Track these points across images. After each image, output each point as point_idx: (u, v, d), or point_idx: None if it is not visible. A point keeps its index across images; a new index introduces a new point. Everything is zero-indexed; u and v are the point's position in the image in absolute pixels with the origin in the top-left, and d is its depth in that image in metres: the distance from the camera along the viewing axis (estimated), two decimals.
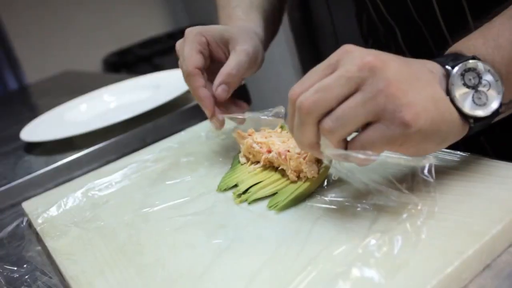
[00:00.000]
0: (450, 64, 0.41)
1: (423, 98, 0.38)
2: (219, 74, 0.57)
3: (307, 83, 0.41)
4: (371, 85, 0.37)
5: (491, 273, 0.36)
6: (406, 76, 0.38)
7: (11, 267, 0.52)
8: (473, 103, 0.40)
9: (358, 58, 0.38)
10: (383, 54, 0.39)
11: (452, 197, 0.42)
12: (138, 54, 2.90)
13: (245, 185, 0.52)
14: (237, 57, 0.57)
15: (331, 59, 0.40)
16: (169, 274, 0.42)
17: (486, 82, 0.41)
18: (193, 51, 0.57)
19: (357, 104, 0.38)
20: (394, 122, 0.37)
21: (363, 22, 0.77)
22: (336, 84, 0.38)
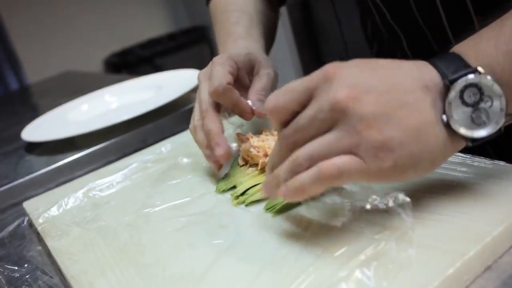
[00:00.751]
0: (450, 77, 0.37)
1: (403, 131, 0.36)
2: (253, 94, 0.57)
3: (281, 101, 0.39)
4: (344, 125, 0.36)
5: (493, 275, 0.36)
6: (386, 107, 0.36)
7: (12, 266, 0.52)
8: (471, 122, 0.38)
9: (333, 94, 0.36)
10: (364, 80, 0.37)
11: (453, 198, 0.42)
12: (139, 54, 2.91)
13: (242, 187, 0.52)
14: (262, 80, 0.59)
15: (310, 83, 0.38)
16: (170, 274, 0.42)
17: (488, 99, 0.37)
18: (225, 70, 0.56)
19: (331, 143, 0.37)
20: (368, 158, 0.36)
21: (367, 26, 0.77)
22: (310, 125, 0.38)
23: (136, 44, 2.98)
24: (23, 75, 2.72)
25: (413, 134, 0.36)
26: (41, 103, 1.54)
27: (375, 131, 0.36)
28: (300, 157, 0.38)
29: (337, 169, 0.36)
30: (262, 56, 0.62)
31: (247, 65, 0.60)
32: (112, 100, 1.05)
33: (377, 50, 0.77)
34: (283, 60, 2.37)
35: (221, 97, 0.55)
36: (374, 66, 0.39)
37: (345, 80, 0.37)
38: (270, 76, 0.60)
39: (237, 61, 0.59)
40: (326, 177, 0.36)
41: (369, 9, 0.68)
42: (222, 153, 0.52)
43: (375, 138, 0.36)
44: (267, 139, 0.56)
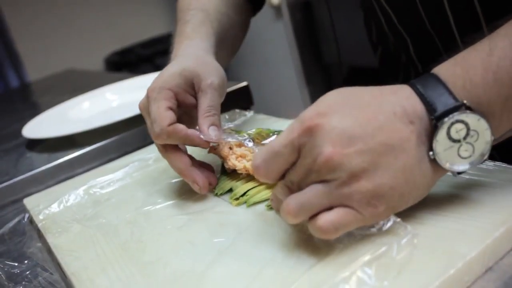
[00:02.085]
0: (438, 113, 0.37)
1: (391, 176, 0.36)
2: (202, 119, 0.53)
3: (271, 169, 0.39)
4: (333, 179, 0.36)
5: (494, 276, 0.36)
6: (373, 156, 0.36)
7: (12, 263, 0.52)
8: (458, 156, 0.38)
9: (318, 153, 0.36)
10: (347, 131, 0.36)
11: (455, 199, 0.42)
12: (140, 54, 2.90)
13: (241, 189, 0.52)
14: (206, 96, 0.54)
15: (294, 141, 0.37)
16: (170, 272, 0.42)
17: (474, 133, 0.37)
18: (162, 109, 0.52)
19: (322, 195, 0.37)
20: (362, 207, 0.36)
21: (372, 29, 0.76)
22: (301, 180, 0.38)
23: (137, 43, 2.98)
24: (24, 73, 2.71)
25: (401, 176, 0.37)
26: (42, 101, 1.54)
27: (365, 181, 0.36)
28: (290, 206, 0.38)
29: (333, 226, 0.36)
30: (200, 66, 0.56)
31: (184, 86, 0.55)
32: (113, 98, 1.05)
33: (381, 53, 0.76)
34: (284, 61, 2.37)
35: (167, 140, 0.52)
36: (355, 107, 0.38)
37: (329, 134, 0.36)
38: (213, 86, 0.54)
39: (171, 87, 0.54)
40: (323, 232, 0.37)
41: (374, 11, 0.67)
42: (200, 187, 0.52)
43: (366, 188, 0.36)
44: (245, 155, 0.54)
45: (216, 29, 0.67)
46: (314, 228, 0.37)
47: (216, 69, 0.57)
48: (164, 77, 0.55)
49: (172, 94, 0.54)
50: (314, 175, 0.37)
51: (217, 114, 0.54)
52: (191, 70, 0.55)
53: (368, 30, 0.78)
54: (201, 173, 0.53)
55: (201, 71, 0.55)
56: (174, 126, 0.51)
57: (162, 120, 0.51)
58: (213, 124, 0.53)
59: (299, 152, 0.38)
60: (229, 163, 0.54)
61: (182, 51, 0.62)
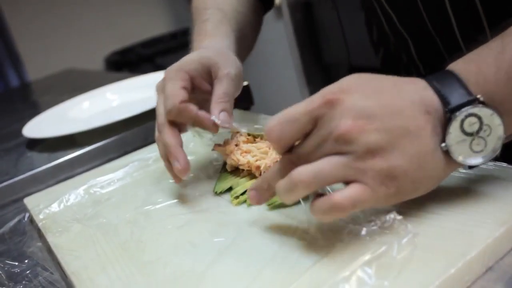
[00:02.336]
0: (452, 106, 0.37)
1: (406, 160, 0.36)
2: (214, 104, 0.54)
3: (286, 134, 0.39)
4: (349, 153, 0.36)
5: (494, 276, 0.36)
6: (390, 136, 0.36)
7: (12, 262, 0.52)
8: (470, 150, 0.38)
9: (337, 125, 0.36)
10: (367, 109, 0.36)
11: (456, 199, 0.42)
12: (140, 53, 2.90)
13: (241, 188, 0.52)
14: (222, 84, 0.55)
15: (314, 111, 0.37)
16: (170, 271, 0.42)
17: (487, 128, 0.38)
18: (176, 87, 0.53)
19: (337, 167, 0.36)
20: (375, 186, 0.36)
21: (373, 30, 0.76)
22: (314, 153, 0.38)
23: (138, 42, 2.98)
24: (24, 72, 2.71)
25: (415, 162, 0.37)
26: (42, 101, 1.54)
27: (380, 159, 0.36)
28: (303, 174, 0.37)
29: (352, 201, 0.36)
30: (219, 56, 0.58)
31: (201, 71, 0.56)
32: (113, 98, 1.05)
33: (383, 55, 0.76)
34: (284, 61, 2.37)
35: (177, 118, 0.53)
36: (376, 90, 0.38)
37: (349, 109, 0.36)
38: (230, 76, 0.55)
39: (188, 70, 0.55)
40: (340, 209, 0.36)
41: (375, 12, 0.67)
42: (180, 168, 0.51)
43: (381, 166, 0.36)
44: (250, 150, 0.54)
45: (234, 27, 0.68)
46: (328, 205, 0.36)
47: (235, 61, 0.59)
48: (182, 61, 0.57)
49: (188, 76, 0.55)
50: (328, 146, 0.37)
51: (230, 102, 0.55)
52: (209, 58, 0.57)
53: (369, 31, 0.78)
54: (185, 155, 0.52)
55: (219, 60, 0.57)
56: (185, 104, 0.52)
57: (175, 97, 0.52)
58: (225, 110, 0.54)
59: (315, 124, 0.38)
60: (233, 157, 0.54)
61: (203, 45, 0.63)
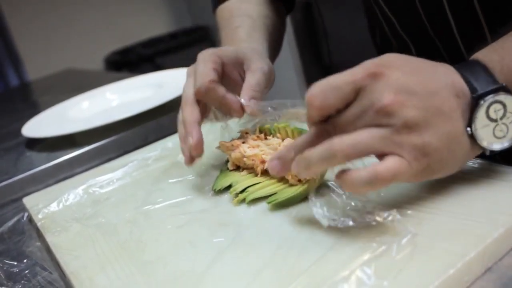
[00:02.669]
0: (479, 92, 0.39)
1: (438, 138, 0.38)
2: (245, 90, 0.55)
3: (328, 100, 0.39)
4: (388, 126, 0.37)
5: (493, 276, 0.36)
6: (427, 114, 0.38)
7: (11, 261, 0.52)
8: (493, 135, 0.40)
9: (380, 97, 0.37)
10: (408, 85, 0.38)
11: (456, 200, 0.42)
12: (140, 53, 2.90)
13: (241, 185, 0.52)
14: (255, 75, 0.56)
15: (357, 81, 0.38)
16: (170, 271, 0.42)
17: (510, 115, 0.40)
18: (208, 68, 0.54)
19: (374, 138, 0.37)
20: (411, 160, 0.37)
21: (376, 35, 0.76)
22: (353, 123, 0.39)
23: (138, 42, 2.98)
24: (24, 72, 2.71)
25: (446, 141, 0.38)
26: (41, 100, 1.54)
27: (416, 135, 0.37)
28: (344, 143, 0.37)
29: (393, 173, 0.37)
30: (254, 54, 0.60)
31: (234, 61, 0.58)
32: (113, 98, 1.05)
33: None
34: (284, 61, 2.37)
35: (205, 97, 0.54)
36: (415, 69, 0.40)
37: (391, 84, 0.38)
38: (264, 70, 0.57)
39: (221, 55, 0.56)
40: (382, 180, 0.37)
41: (377, 17, 0.67)
42: (192, 144, 0.51)
43: (416, 141, 0.37)
44: (258, 145, 0.54)
45: (265, 33, 0.70)
46: (371, 176, 0.37)
47: (267, 61, 0.60)
48: (218, 48, 0.59)
49: (221, 61, 0.56)
50: (368, 118, 0.38)
51: (260, 93, 0.56)
52: (245, 52, 0.59)
53: (373, 35, 0.78)
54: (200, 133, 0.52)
55: (254, 56, 0.58)
56: (215, 84, 0.53)
57: (205, 76, 0.53)
58: (254, 98, 0.54)
59: (357, 94, 0.39)
60: (240, 149, 0.54)
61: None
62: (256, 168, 0.53)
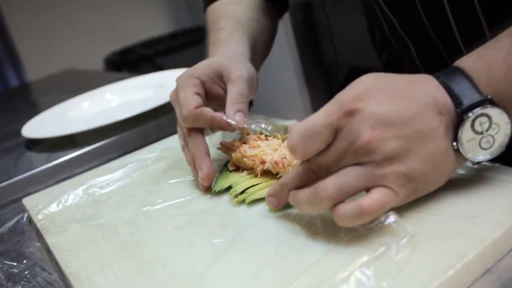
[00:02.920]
0: (464, 107, 0.39)
1: (422, 161, 0.38)
2: (229, 105, 0.55)
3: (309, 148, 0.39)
4: (369, 162, 0.38)
5: (492, 277, 0.36)
6: (407, 141, 0.38)
7: (11, 262, 0.52)
8: (479, 147, 0.40)
9: (356, 136, 0.37)
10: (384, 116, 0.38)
11: (455, 201, 0.42)
12: (140, 53, 2.90)
13: (241, 186, 0.52)
14: (235, 86, 0.56)
15: (333, 122, 0.38)
16: (169, 272, 0.42)
17: (496, 126, 0.40)
18: (189, 94, 0.54)
19: (358, 176, 0.38)
20: (396, 188, 0.38)
21: (375, 35, 0.76)
22: (335, 163, 0.39)
23: (138, 43, 2.98)
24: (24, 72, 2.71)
25: (430, 162, 0.39)
26: (41, 101, 1.54)
27: (398, 164, 0.38)
28: (328, 189, 0.38)
29: (380, 205, 0.37)
30: (230, 61, 0.59)
31: (212, 76, 0.57)
32: (113, 98, 1.05)
33: (386, 58, 0.76)
34: (284, 61, 2.37)
35: (194, 123, 0.54)
36: (391, 94, 0.39)
37: (367, 118, 0.38)
38: (243, 77, 0.57)
39: (199, 76, 0.57)
40: (369, 214, 0.37)
41: (377, 17, 0.67)
42: (203, 176, 0.53)
43: (399, 170, 0.38)
44: (259, 145, 0.55)
45: (248, 34, 0.69)
46: (358, 211, 0.37)
47: (246, 65, 0.60)
48: (193, 68, 0.58)
49: (199, 81, 0.56)
50: (349, 158, 0.38)
51: (245, 102, 0.56)
52: (220, 63, 0.58)
53: (372, 35, 0.78)
54: (210, 165, 0.54)
55: (231, 64, 0.58)
56: (200, 109, 0.54)
57: (189, 104, 0.54)
58: (240, 111, 0.55)
59: (335, 134, 0.39)
60: (241, 149, 0.54)
61: (217, 53, 0.64)
62: (256, 169, 0.53)
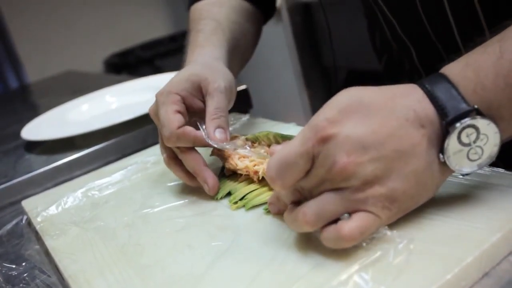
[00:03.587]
0: (449, 119, 0.37)
1: (403, 180, 0.37)
2: (208, 122, 0.54)
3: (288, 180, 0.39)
4: (348, 187, 0.37)
5: (490, 281, 0.36)
6: (385, 162, 0.37)
7: (10, 265, 0.52)
8: (467, 159, 0.38)
9: (332, 162, 0.37)
10: (360, 139, 0.37)
11: (453, 204, 0.42)
12: (139, 56, 2.90)
13: (240, 193, 0.52)
14: (213, 99, 0.55)
15: (308, 150, 0.37)
16: (168, 275, 0.42)
17: (484, 137, 0.38)
18: (170, 112, 0.53)
19: (337, 201, 0.37)
20: (378, 211, 0.37)
21: (375, 37, 0.76)
22: (314, 189, 0.39)
23: (137, 45, 2.98)
24: (24, 74, 2.71)
25: (413, 179, 0.37)
26: (41, 102, 1.54)
27: (378, 186, 0.37)
28: (307, 216, 0.38)
29: (359, 231, 0.37)
30: (208, 70, 0.58)
31: (192, 90, 0.56)
32: (112, 101, 1.05)
33: (386, 61, 0.76)
34: (283, 64, 2.37)
35: (177, 143, 0.53)
36: (367, 113, 0.38)
37: (343, 143, 0.37)
38: (220, 89, 0.55)
39: (178, 91, 0.55)
40: (348, 240, 0.37)
41: (378, 20, 0.67)
42: (210, 188, 0.53)
43: (380, 192, 0.37)
44: (248, 156, 0.54)
45: (228, 37, 0.68)
46: (338, 238, 0.37)
47: (224, 73, 0.58)
48: (171, 82, 0.57)
49: (179, 97, 0.55)
50: (328, 184, 0.38)
51: (224, 116, 0.55)
52: (198, 75, 0.57)
53: (372, 38, 0.78)
54: (212, 174, 0.54)
55: (208, 75, 0.57)
56: (183, 129, 0.53)
57: (171, 124, 0.53)
58: (220, 127, 0.54)
59: (313, 161, 0.38)
60: (231, 162, 0.54)
61: (193, 59, 0.63)
62: (253, 177, 0.53)
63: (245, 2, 0.76)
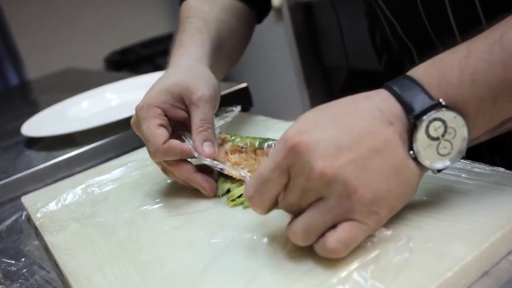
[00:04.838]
0: (415, 113, 0.37)
1: (384, 178, 0.37)
2: (195, 135, 0.53)
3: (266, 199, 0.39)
4: (331, 194, 0.36)
5: (489, 280, 0.36)
6: (363, 162, 0.36)
7: (9, 260, 0.52)
8: (437, 154, 0.38)
9: (309, 170, 0.36)
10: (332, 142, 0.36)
11: (452, 203, 0.42)
12: (140, 53, 2.90)
13: (238, 191, 0.52)
14: (198, 110, 0.54)
15: (282, 164, 0.37)
16: (168, 272, 0.42)
17: (452, 130, 0.38)
18: (153, 127, 0.52)
19: (324, 213, 0.37)
20: (365, 217, 0.36)
21: (376, 37, 0.76)
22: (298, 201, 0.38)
23: (137, 42, 2.98)
24: (24, 71, 2.72)
25: (394, 177, 0.37)
26: (41, 99, 1.54)
27: (363, 190, 0.36)
28: (297, 234, 0.38)
29: (343, 244, 0.36)
30: (189, 77, 0.56)
31: (173, 101, 0.54)
32: (112, 98, 1.05)
33: (386, 60, 0.76)
34: (284, 63, 2.37)
35: (164, 158, 0.53)
36: (333, 117, 0.38)
37: (315, 149, 0.36)
38: (205, 98, 0.54)
39: (159, 104, 0.54)
40: (334, 253, 0.37)
41: (378, 20, 0.67)
42: (209, 191, 0.53)
43: (365, 197, 0.36)
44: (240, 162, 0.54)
45: (213, 36, 0.66)
46: (324, 251, 0.37)
47: (207, 79, 0.57)
48: (151, 94, 0.55)
49: (160, 111, 0.54)
50: (311, 193, 0.37)
51: (211, 127, 0.54)
52: (179, 84, 0.55)
53: (372, 37, 0.78)
54: (205, 177, 0.53)
55: (190, 83, 0.55)
56: (168, 143, 0.52)
57: (155, 140, 0.52)
58: (207, 140, 0.53)
59: (289, 174, 0.38)
60: (225, 171, 0.53)
61: (175, 61, 0.61)
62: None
63: (238, 1, 0.75)
